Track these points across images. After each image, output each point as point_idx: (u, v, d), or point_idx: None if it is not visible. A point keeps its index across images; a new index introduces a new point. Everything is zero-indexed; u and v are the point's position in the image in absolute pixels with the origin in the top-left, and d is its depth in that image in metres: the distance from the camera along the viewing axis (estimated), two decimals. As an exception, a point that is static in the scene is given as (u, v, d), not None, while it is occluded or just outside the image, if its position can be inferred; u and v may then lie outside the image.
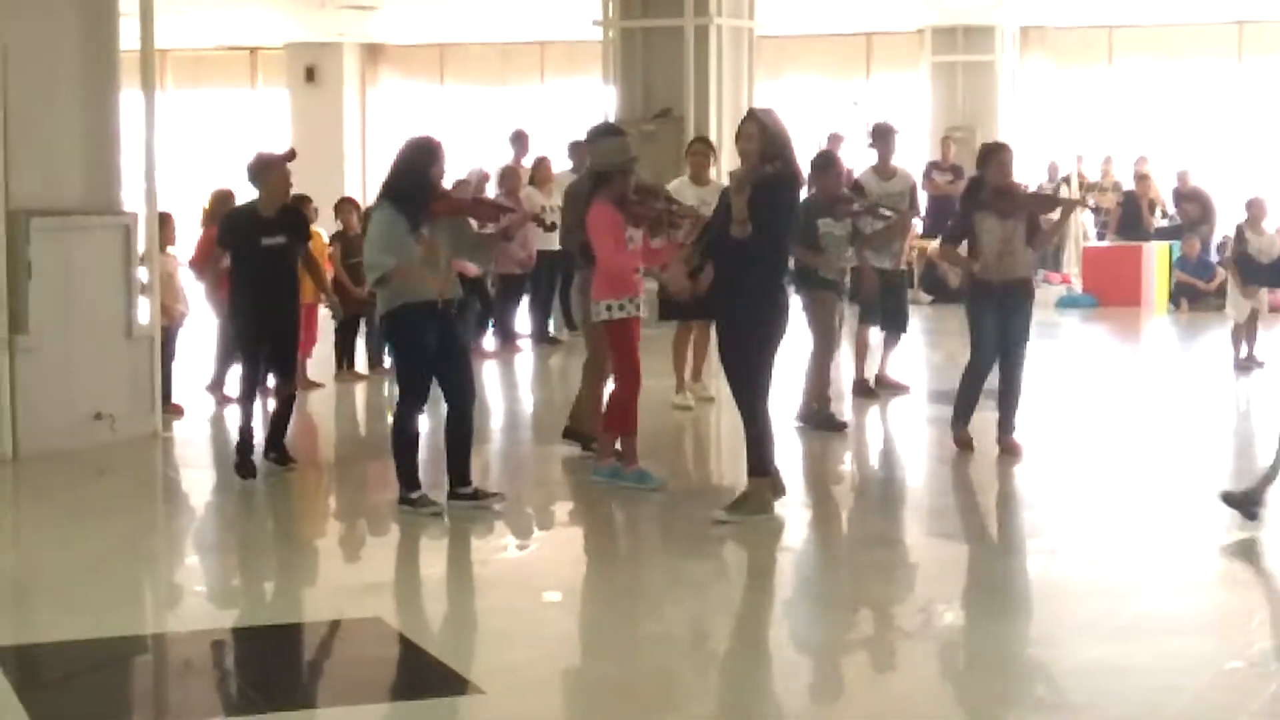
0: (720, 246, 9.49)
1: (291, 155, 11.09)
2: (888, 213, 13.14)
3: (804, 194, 11.07)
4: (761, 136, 9.34)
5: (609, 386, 10.86)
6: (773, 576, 8.98)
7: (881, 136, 14.53)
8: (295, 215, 11.10)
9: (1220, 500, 9.46)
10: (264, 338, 10.76)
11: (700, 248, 9.88)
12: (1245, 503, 9.35)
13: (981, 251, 11.34)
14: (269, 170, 10.80)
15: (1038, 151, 25.81)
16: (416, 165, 9.61)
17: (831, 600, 8.38)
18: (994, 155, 11.50)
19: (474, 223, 10.54)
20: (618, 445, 10.51)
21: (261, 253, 10.68)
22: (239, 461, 10.75)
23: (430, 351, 9.60)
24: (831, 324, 12.58)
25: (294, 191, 11.23)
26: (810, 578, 8.91)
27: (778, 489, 9.73)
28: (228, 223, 11.24)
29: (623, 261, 10.32)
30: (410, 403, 9.81)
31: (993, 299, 11.31)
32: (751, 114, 9.71)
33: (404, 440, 9.82)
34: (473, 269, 14.23)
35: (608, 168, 10.41)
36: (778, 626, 7.95)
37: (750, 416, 9.55)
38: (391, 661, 7.33)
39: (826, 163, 12.81)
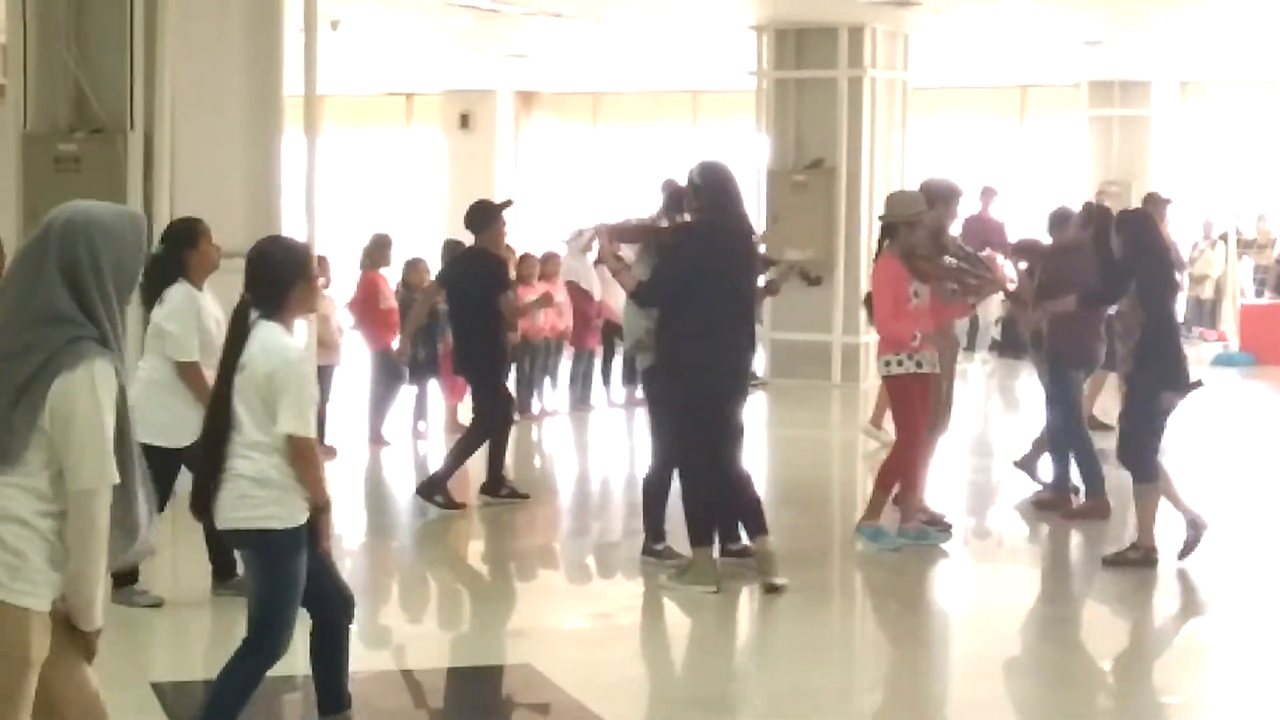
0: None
1: (507, 204, 12.03)
2: None
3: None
4: (693, 192, 9.02)
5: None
6: (898, 637, 8.95)
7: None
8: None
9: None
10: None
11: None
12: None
13: None
14: (494, 217, 11.52)
15: (1195, 208, 25.41)
16: None
17: (978, 665, 8.31)
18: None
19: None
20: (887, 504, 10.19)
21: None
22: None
23: None
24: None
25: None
26: (953, 637, 8.84)
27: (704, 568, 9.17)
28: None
29: (899, 325, 9.89)
30: (669, 458, 9.59)
31: None
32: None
33: (664, 492, 9.72)
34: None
35: (895, 219, 9.97)
36: (910, 683, 7.90)
37: (684, 481, 9.32)
38: (541, 708, 7.37)
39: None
